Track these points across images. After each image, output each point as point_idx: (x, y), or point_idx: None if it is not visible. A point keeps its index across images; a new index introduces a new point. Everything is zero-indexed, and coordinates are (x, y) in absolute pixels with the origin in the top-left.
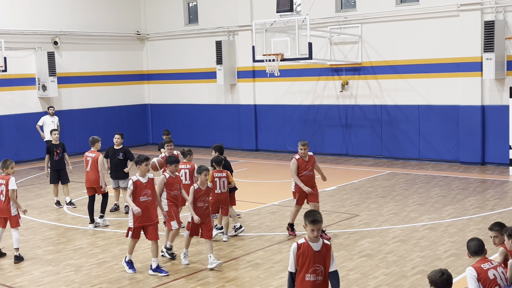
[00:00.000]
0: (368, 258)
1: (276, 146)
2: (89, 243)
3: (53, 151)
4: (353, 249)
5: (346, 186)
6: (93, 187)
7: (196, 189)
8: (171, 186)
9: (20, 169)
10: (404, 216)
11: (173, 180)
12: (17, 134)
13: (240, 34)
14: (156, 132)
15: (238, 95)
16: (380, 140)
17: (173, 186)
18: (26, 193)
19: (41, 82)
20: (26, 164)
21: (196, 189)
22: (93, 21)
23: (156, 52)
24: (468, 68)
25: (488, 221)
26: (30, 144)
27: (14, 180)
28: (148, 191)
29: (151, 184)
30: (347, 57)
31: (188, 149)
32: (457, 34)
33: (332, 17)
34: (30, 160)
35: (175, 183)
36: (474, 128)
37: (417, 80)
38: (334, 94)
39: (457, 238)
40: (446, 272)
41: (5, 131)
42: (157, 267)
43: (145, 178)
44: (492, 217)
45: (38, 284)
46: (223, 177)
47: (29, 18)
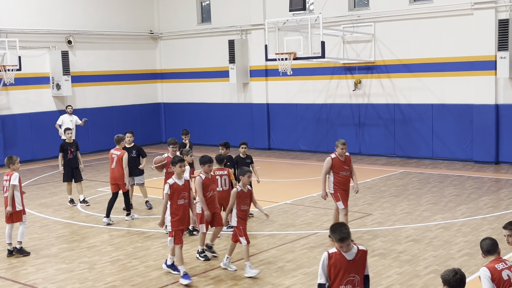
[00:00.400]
0: (381, 258)
1: (288, 145)
2: (102, 241)
3: (66, 149)
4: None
5: (359, 185)
6: (117, 183)
7: (204, 179)
8: (207, 188)
9: (35, 167)
10: (417, 215)
11: (209, 181)
12: (32, 132)
13: (252, 33)
14: (169, 131)
15: (251, 94)
16: (393, 139)
17: (208, 188)
18: (41, 191)
19: (55, 81)
20: (40, 163)
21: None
22: (107, 20)
23: (169, 51)
24: (482, 67)
25: (502, 220)
26: (45, 143)
27: (17, 176)
28: (185, 193)
29: (188, 187)
30: (360, 56)
31: (187, 150)
32: (471, 33)
33: (345, 15)
34: (44, 159)
35: (210, 184)
36: (488, 127)
37: (430, 79)
38: (347, 93)
39: (471, 237)
40: (460, 271)
41: (20, 129)
42: (172, 264)
43: (182, 180)
44: (506, 217)
45: (52, 281)
46: (224, 175)
47: (43, 17)
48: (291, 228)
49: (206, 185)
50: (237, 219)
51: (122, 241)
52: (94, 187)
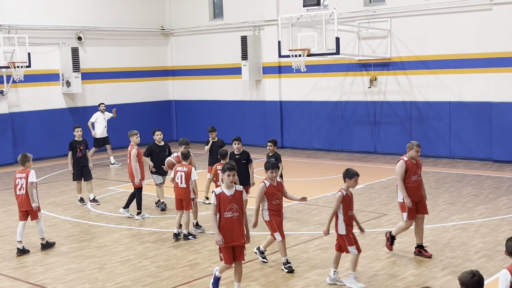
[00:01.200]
0: (397, 259)
1: (302, 144)
2: (112, 240)
3: (76, 148)
4: (381, 249)
5: (375, 184)
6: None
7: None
8: (272, 196)
9: (44, 165)
10: (434, 215)
11: (273, 189)
12: (41, 130)
13: (265, 29)
14: (181, 129)
15: (264, 91)
16: (410, 137)
17: (274, 195)
18: (50, 189)
19: (65, 78)
20: (50, 161)
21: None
22: (117, 17)
23: (180, 48)
24: (501, 63)
25: None
26: (54, 141)
27: (34, 173)
28: (234, 205)
29: (239, 198)
30: (376, 52)
31: (187, 151)
32: (490, 29)
33: (360, 11)
34: (54, 157)
35: (275, 191)
36: (508, 125)
37: (448, 76)
38: (362, 90)
39: (489, 238)
40: (478, 273)
41: (29, 127)
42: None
43: (231, 190)
44: None
45: (61, 281)
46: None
47: (53, 13)
48: (305, 228)
49: (270, 193)
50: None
51: (132, 241)
52: (105, 186)
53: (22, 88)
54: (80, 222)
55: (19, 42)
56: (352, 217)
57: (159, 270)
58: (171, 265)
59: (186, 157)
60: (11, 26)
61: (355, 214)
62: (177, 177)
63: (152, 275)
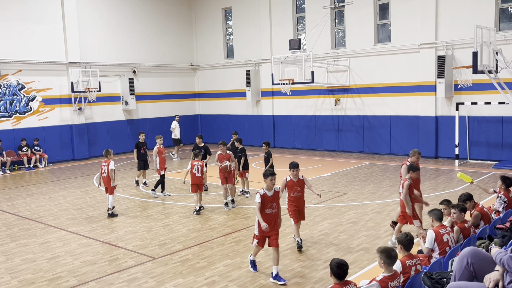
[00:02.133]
0: (354, 224)
1: (288, 144)
2: (157, 211)
3: (140, 147)
4: (342, 218)
5: (338, 173)
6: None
7: (262, 194)
8: (291, 188)
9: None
10: (379, 194)
11: (293, 184)
12: (107, 135)
13: (263, 65)
14: (204, 135)
15: (262, 108)
16: (363, 140)
17: (292, 189)
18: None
19: (124, 99)
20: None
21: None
22: (160, 56)
23: (204, 78)
24: (425, 89)
25: (439, 198)
26: (116, 142)
27: (113, 163)
28: (273, 203)
29: (277, 197)
30: (339, 81)
31: (197, 151)
32: (417, 65)
33: (328, 53)
34: (116, 154)
35: (295, 186)
36: (429, 131)
37: (389, 98)
38: (329, 107)
39: None
40: (409, 234)
41: (100, 133)
42: (277, 275)
43: (271, 191)
44: (442, 196)
45: (121, 240)
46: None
47: (116, 54)
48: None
49: (290, 186)
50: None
51: (170, 212)
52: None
53: (94, 106)
54: (134, 199)
55: (92, 74)
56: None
57: (189, 232)
58: (196, 229)
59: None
60: (87, 63)
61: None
62: (194, 169)
63: (184, 235)
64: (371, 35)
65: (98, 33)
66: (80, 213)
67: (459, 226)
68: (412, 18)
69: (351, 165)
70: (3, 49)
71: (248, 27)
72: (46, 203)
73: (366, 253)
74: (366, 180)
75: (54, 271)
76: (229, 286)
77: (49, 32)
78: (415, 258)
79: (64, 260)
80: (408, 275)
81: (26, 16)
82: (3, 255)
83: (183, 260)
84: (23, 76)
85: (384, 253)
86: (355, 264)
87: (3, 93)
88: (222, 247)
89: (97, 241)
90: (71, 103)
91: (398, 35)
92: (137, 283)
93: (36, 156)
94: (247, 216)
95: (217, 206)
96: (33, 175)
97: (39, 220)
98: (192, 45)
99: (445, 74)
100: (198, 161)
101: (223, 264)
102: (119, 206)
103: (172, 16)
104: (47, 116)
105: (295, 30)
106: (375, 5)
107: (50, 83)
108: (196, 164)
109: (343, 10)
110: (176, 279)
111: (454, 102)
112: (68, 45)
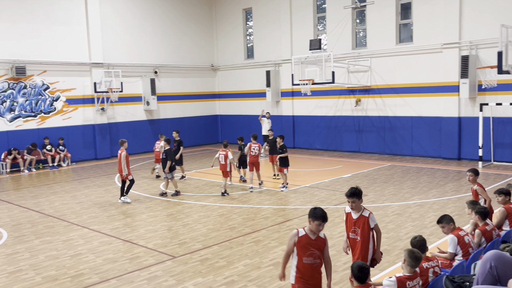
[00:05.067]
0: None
1: (308, 145)
2: (177, 210)
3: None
4: None
5: (358, 174)
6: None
7: (301, 236)
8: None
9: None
10: (400, 196)
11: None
12: (129, 135)
13: (283, 65)
14: (224, 134)
15: (281, 109)
16: (383, 141)
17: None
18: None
19: (145, 99)
20: (135, 156)
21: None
22: (181, 57)
23: (224, 78)
24: (448, 90)
25: (462, 200)
26: (138, 142)
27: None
28: (316, 252)
29: (321, 246)
30: (360, 82)
31: (226, 142)
32: (440, 65)
33: (349, 53)
34: (138, 153)
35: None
36: (452, 133)
37: (411, 98)
38: (350, 108)
39: (439, 213)
40: (419, 236)
41: (121, 132)
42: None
43: (314, 235)
44: (466, 198)
45: (142, 238)
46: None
47: (138, 55)
48: (309, 204)
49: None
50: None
51: (190, 211)
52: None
53: (116, 106)
54: (154, 198)
55: (115, 75)
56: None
57: (208, 231)
58: (216, 228)
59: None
60: (110, 64)
61: None
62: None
63: (203, 234)
64: (393, 35)
65: (120, 34)
66: (102, 211)
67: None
68: (435, 17)
69: (372, 166)
70: (29, 50)
71: (268, 27)
72: (69, 201)
73: (386, 255)
74: (387, 181)
75: (76, 268)
76: (248, 286)
77: (73, 33)
78: (432, 261)
79: (86, 257)
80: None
81: (50, 17)
82: (28, 252)
83: (203, 259)
84: (47, 77)
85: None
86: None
87: (29, 93)
88: (241, 247)
89: (118, 239)
90: (94, 103)
91: (421, 35)
92: (157, 281)
93: (60, 155)
94: (266, 217)
95: (237, 206)
96: (57, 173)
97: (63, 218)
98: (212, 46)
99: (469, 74)
100: (224, 151)
101: (242, 264)
102: (140, 204)
103: (193, 17)
104: (70, 116)
105: (316, 30)
106: (397, 4)
107: (73, 83)
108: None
109: (364, 10)
110: (195, 278)
111: (478, 103)
112: (91, 46)
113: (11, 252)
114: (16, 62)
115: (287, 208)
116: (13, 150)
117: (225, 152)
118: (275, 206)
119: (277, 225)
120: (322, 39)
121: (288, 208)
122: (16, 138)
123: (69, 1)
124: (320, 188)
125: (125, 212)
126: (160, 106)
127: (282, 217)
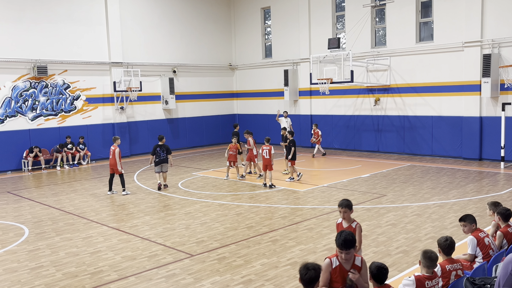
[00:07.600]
0: (393, 226)
1: (326, 144)
2: (195, 209)
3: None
4: (381, 219)
5: (377, 174)
6: None
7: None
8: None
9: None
10: (420, 196)
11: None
12: (148, 133)
13: (301, 64)
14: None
15: (299, 108)
16: (403, 141)
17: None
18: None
19: (164, 98)
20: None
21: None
22: (199, 57)
23: (242, 78)
24: (469, 89)
25: (484, 201)
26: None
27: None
28: None
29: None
30: (379, 81)
31: (268, 138)
32: (462, 64)
33: (368, 51)
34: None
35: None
36: (473, 133)
37: (431, 98)
38: (369, 107)
39: (460, 214)
40: (450, 238)
41: (140, 132)
42: None
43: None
44: (487, 199)
45: (160, 236)
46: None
47: (156, 54)
48: (327, 203)
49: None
50: None
51: (208, 210)
52: (190, 172)
53: (136, 105)
54: (172, 196)
55: (134, 74)
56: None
57: (226, 230)
58: (233, 227)
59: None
60: (129, 63)
61: None
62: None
63: (221, 233)
64: (413, 34)
65: (139, 34)
66: (120, 209)
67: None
68: (456, 15)
69: (391, 166)
70: (50, 49)
71: (286, 26)
72: (89, 199)
73: (405, 256)
74: (407, 181)
75: (96, 265)
76: (265, 285)
77: (93, 33)
78: (456, 263)
79: (106, 254)
80: (448, 279)
81: (71, 17)
82: (49, 248)
83: (220, 258)
84: (68, 76)
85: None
86: (394, 267)
87: (50, 92)
88: (258, 246)
89: (137, 237)
90: (113, 102)
91: (441, 33)
92: (175, 279)
93: (80, 154)
94: (284, 216)
95: (254, 205)
96: (77, 171)
97: (82, 215)
98: (230, 45)
99: (491, 73)
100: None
101: (259, 263)
102: (158, 204)
103: (211, 17)
104: (90, 114)
105: (335, 29)
106: (417, 3)
107: (93, 82)
108: (264, 149)
109: (384, 9)
110: (213, 276)
111: (500, 102)
112: (111, 45)
113: (32, 248)
114: (38, 61)
115: (304, 208)
116: (34, 148)
117: (269, 147)
118: (293, 205)
119: (294, 224)
120: (341, 38)
121: (305, 208)
122: (37, 136)
123: (90, 1)
124: (338, 188)
125: (144, 211)
126: (178, 105)
127: (300, 216)
